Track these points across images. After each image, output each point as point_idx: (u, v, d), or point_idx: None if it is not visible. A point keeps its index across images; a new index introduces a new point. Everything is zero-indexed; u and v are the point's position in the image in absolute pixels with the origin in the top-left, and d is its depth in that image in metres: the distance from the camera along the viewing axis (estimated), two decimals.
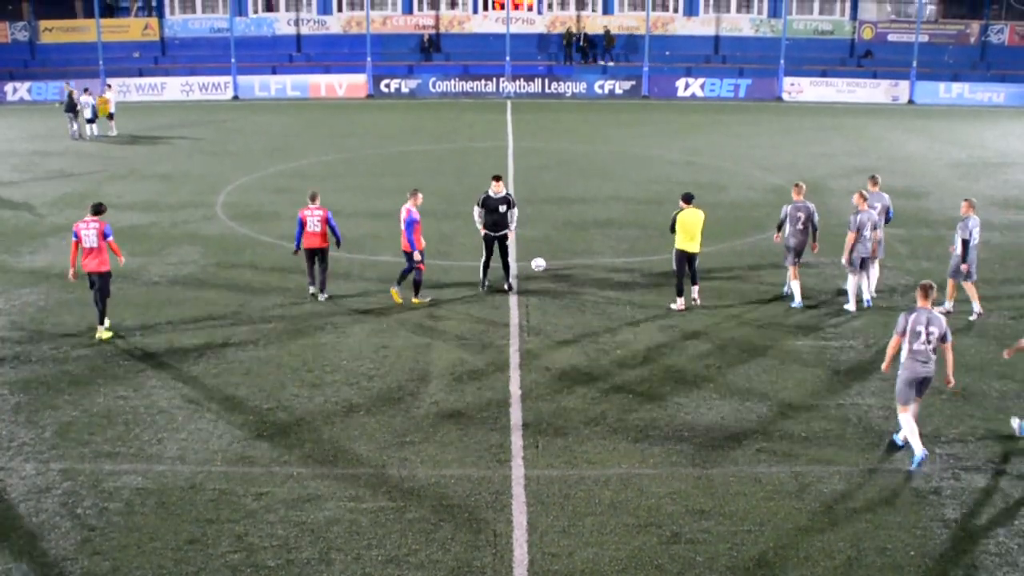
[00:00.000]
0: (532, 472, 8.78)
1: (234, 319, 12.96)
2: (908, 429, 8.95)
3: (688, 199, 13.27)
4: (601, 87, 47.37)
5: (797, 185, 14.03)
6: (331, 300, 13.64)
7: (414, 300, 13.55)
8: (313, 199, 14.38)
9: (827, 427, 9.74)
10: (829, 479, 8.75)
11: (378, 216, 19.78)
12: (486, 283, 14.28)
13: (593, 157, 28.45)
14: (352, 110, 42.79)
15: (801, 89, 46.72)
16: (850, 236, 13.30)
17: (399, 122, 37.73)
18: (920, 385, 9.05)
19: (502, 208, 13.80)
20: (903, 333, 8.97)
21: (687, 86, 47.19)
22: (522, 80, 47.27)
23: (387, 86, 47.59)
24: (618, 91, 47.29)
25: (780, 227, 14.08)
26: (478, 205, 14.00)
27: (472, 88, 47.45)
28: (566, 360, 11.40)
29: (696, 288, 13.53)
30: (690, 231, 13.21)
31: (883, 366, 9.31)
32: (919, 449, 8.84)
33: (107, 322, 12.32)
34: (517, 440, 9.37)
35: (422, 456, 9.10)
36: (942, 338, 8.95)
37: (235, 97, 47.07)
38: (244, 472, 8.81)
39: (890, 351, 9.14)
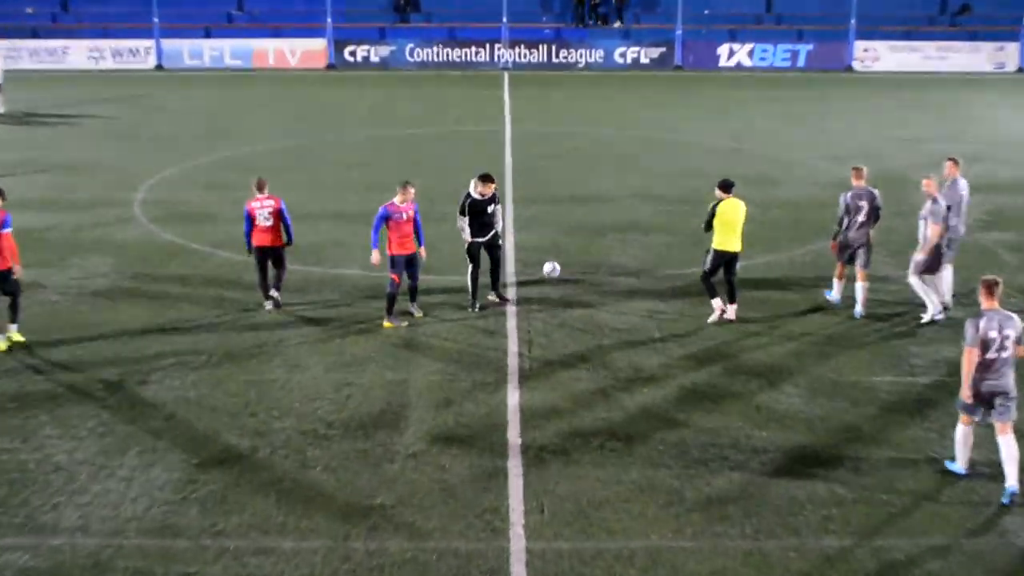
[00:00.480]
0: (536, 545, 8.69)
1: (156, 348, 12.91)
2: (959, 442, 9.60)
3: (727, 187, 13.67)
4: (622, 56, 47.75)
5: (856, 168, 14.25)
6: (281, 311, 13.66)
7: (386, 324, 13.87)
8: (261, 188, 14.65)
9: (915, 486, 9.66)
10: (921, 558, 8.62)
11: (341, 219, 19.81)
12: (477, 302, 14.41)
13: (612, 144, 28.58)
14: (308, 85, 43.03)
15: (877, 55, 47.06)
16: (935, 230, 13.43)
17: (368, 100, 37.94)
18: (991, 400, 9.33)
19: (490, 209, 14.08)
20: (975, 344, 9.22)
21: (731, 54, 47.57)
22: (523, 47, 47.66)
23: (352, 54, 47.95)
24: (644, 60, 47.64)
25: (841, 224, 14.24)
26: (462, 213, 14.09)
27: (460, 57, 47.79)
28: (577, 399, 11.36)
29: (734, 307, 13.90)
30: (732, 226, 13.55)
31: (963, 392, 9.35)
32: (961, 461, 9.65)
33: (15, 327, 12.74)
34: (517, 503, 9.29)
35: (396, 524, 9.01)
36: (1018, 340, 9.32)
37: (158, 67, 47.38)
38: (166, 546, 8.72)
39: (966, 368, 9.25)
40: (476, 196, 14.11)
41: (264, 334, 13.41)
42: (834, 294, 14.62)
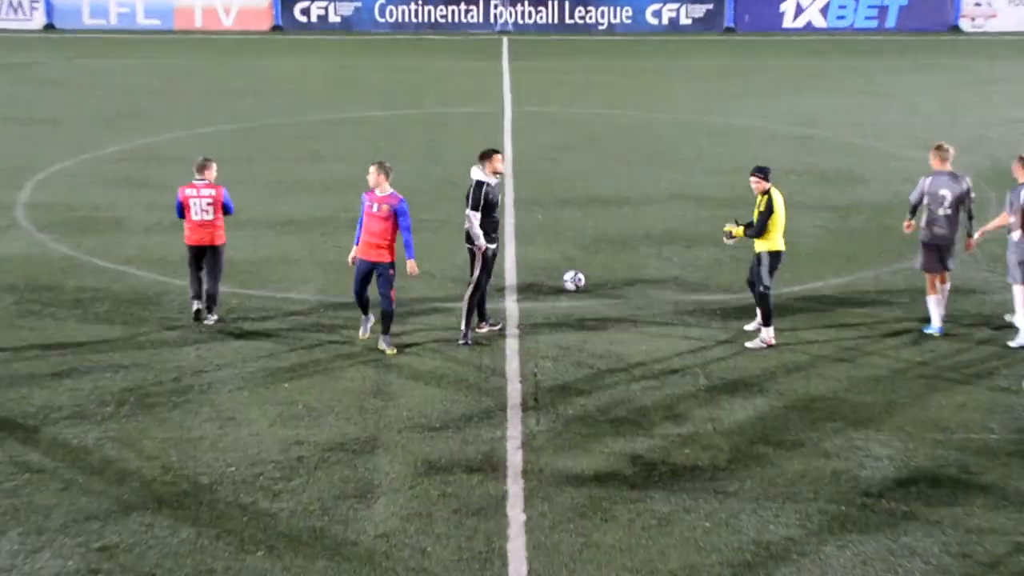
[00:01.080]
0: None
1: (45, 396, 12.99)
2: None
3: (766, 173, 14.28)
4: (656, 15, 48.16)
5: (939, 148, 14.60)
6: (212, 348, 13.75)
7: (361, 337, 14.45)
8: (201, 170, 15.11)
9: None
10: None
11: (290, 227, 19.98)
12: (470, 332, 14.59)
13: (643, 131, 28.79)
14: (248, 52, 43.30)
15: (993, 11, 47.35)
16: (998, 220, 14.26)
17: (325, 73, 38.17)
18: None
19: (498, 200, 14.58)
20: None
21: (798, 11, 48.00)
22: (527, 4, 48.09)
23: (305, 13, 48.36)
24: (685, 21, 48.06)
25: (914, 211, 14.78)
26: (475, 208, 14.25)
27: (445, 17, 48.20)
28: (598, 461, 11.41)
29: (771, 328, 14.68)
30: (781, 222, 14.28)
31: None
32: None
33: None
34: None
35: None
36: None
37: (48, 26, 47.75)
38: None
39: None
40: (488, 180, 14.23)
41: (190, 377, 13.49)
42: (935, 322, 14.76)
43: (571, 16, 47.90)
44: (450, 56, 41.73)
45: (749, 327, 14.85)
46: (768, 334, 14.38)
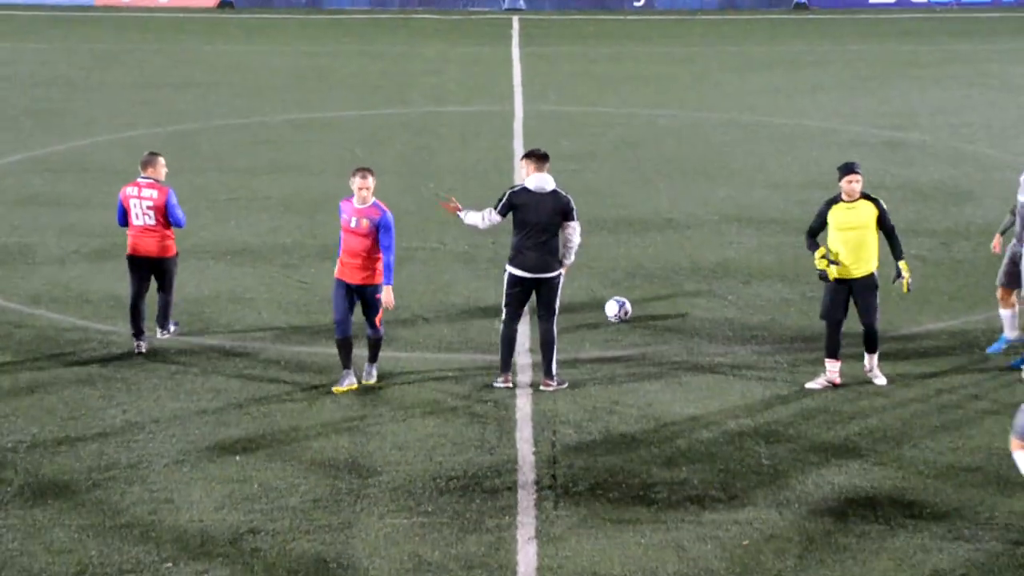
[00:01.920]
0: None
1: None
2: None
3: (848, 172, 14.90)
4: None
5: None
6: (143, 411, 13.73)
7: (336, 389, 14.72)
8: (145, 166, 15.78)
9: None
10: None
11: (243, 257, 20.06)
12: (509, 376, 14.93)
13: (690, 135, 28.84)
14: (189, 34, 43.49)
15: None
16: None
17: (287, 61, 38.29)
18: None
19: (550, 219, 14.84)
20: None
21: None
22: None
23: None
24: None
25: (1004, 230, 16.02)
26: (498, 211, 14.85)
27: None
28: (633, 557, 11.33)
29: (874, 357, 15.09)
30: (852, 242, 14.61)
31: None
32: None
33: None
34: None
35: None
36: None
37: None
38: None
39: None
40: (529, 186, 14.85)
41: (115, 446, 13.46)
42: (1009, 331, 15.81)
43: None
44: (446, 40, 41.99)
45: (874, 374, 15.21)
46: (828, 373, 15.04)
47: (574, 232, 14.92)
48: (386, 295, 14.67)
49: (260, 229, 21.14)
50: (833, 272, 14.71)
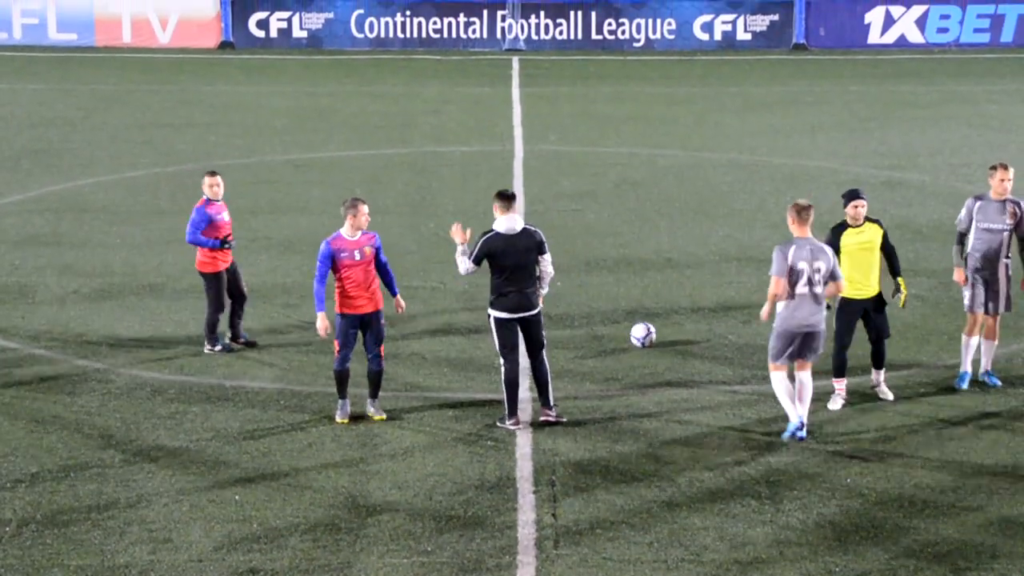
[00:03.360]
0: None
1: None
2: (781, 394, 14.72)
3: (854, 197, 15.68)
4: (707, 29, 48.61)
5: (999, 168, 16.32)
6: (143, 453, 13.73)
7: (341, 420, 15.00)
8: (214, 174, 17.92)
9: None
10: None
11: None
12: (519, 419, 14.96)
13: (690, 175, 28.86)
14: (189, 75, 43.44)
15: None
16: None
17: (288, 102, 38.26)
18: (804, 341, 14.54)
19: (526, 258, 14.91)
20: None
21: (887, 23, 48.41)
22: (543, 15, 48.56)
23: (262, 26, 48.82)
24: (743, 36, 48.46)
25: (961, 242, 16.61)
26: (472, 259, 14.94)
27: (440, 31, 48.55)
28: None
29: (882, 373, 15.65)
30: (864, 263, 15.54)
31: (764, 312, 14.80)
32: (793, 416, 14.52)
33: None
34: None
35: None
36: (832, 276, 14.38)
37: None
38: None
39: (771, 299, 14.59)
40: (499, 229, 14.92)
41: (114, 486, 13.45)
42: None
43: (598, 30, 48.23)
44: (446, 80, 42.05)
45: (881, 389, 15.91)
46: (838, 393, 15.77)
47: (548, 264, 15.08)
48: (398, 301, 15.43)
49: (260, 269, 21.15)
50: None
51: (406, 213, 24.57)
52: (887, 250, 15.72)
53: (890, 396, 15.78)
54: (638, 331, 17.40)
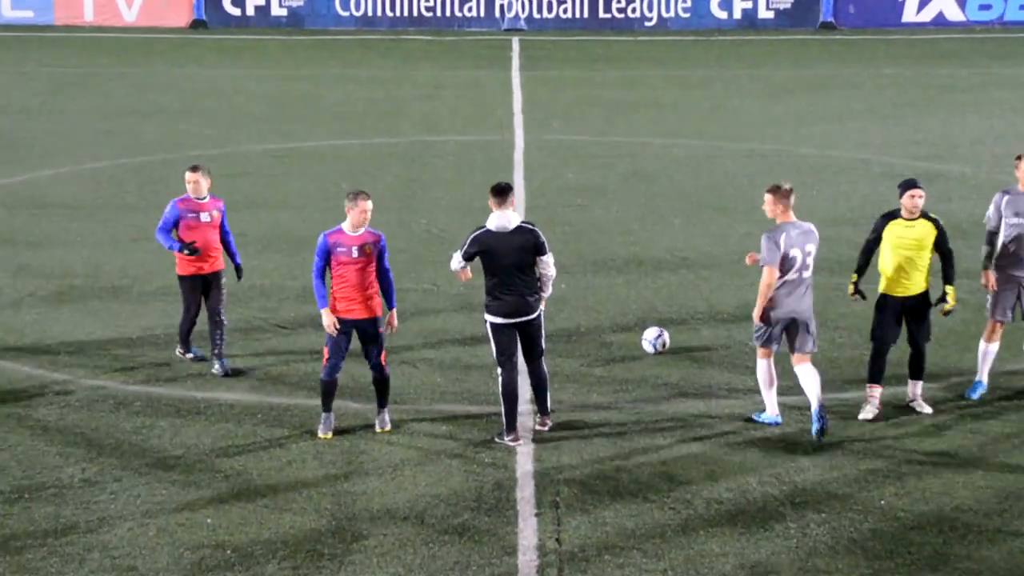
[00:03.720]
0: None
1: None
2: (762, 381, 15.52)
3: (912, 187, 15.63)
4: (725, 6, 48.64)
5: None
6: (104, 481, 13.70)
7: (324, 435, 15.03)
8: (196, 169, 17.18)
9: None
10: None
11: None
12: (517, 433, 14.92)
13: (707, 167, 28.86)
14: (158, 57, 43.49)
15: None
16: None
17: (266, 87, 38.30)
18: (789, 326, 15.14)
19: (521, 259, 14.87)
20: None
21: (924, 1, 48.26)
22: None
23: (238, 4, 48.94)
24: (765, 14, 48.53)
25: (991, 243, 16.68)
26: (464, 255, 14.97)
27: (433, 9, 48.62)
28: None
29: (919, 385, 15.60)
30: (907, 260, 15.45)
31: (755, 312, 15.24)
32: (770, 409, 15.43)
33: None
34: None
35: None
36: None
37: None
38: None
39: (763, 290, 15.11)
40: (490, 227, 14.88)
41: (73, 508, 13.40)
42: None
43: (606, 8, 48.28)
44: (439, 63, 42.08)
45: (918, 403, 15.86)
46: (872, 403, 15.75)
47: (548, 266, 15.03)
48: (392, 318, 15.19)
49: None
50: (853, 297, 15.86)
51: (395, 209, 24.51)
52: (942, 253, 15.67)
53: (928, 410, 15.75)
54: (650, 334, 17.41)
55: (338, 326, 14.90)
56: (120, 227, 23.30)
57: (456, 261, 14.95)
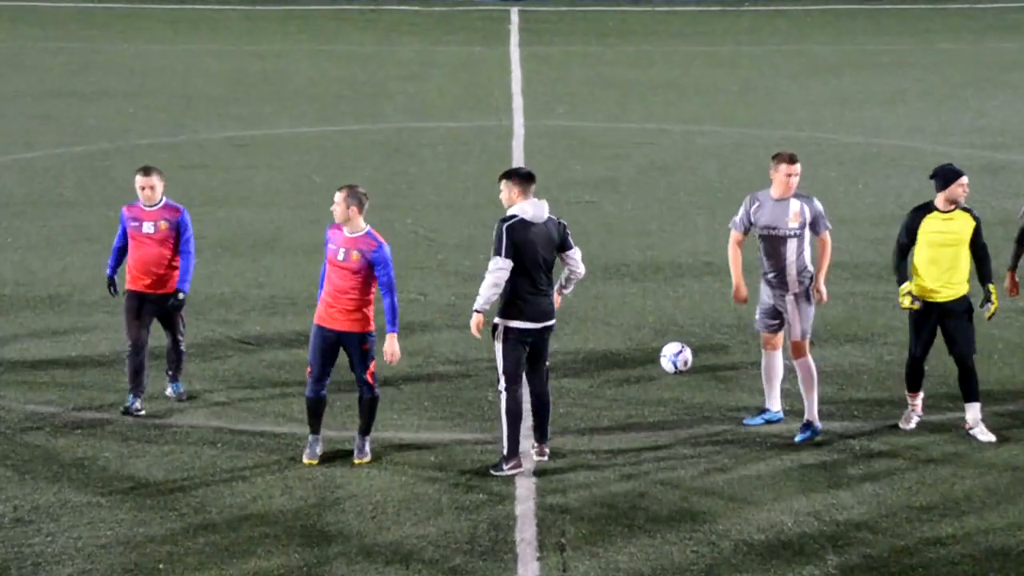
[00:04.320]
0: None
1: None
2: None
3: (950, 177, 15.56)
4: None
5: None
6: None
7: (308, 461, 15.19)
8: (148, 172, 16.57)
9: None
10: None
11: None
12: (521, 460, 14.96)
13: (734, 157, 28.90)
14: (104, 29, 43.48)
15: None
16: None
17: (226, 64, 38.27)
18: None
19: (550, 254, 15.01)
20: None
21: None
22: None
23: None
24: None
25: (1021, 242, 16.69)
26: (502, 255, 14.72)
27: None
28: None
29: (977, 407, 15.67)
30: (945, 259, 15.53)
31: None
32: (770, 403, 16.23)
33: None
34: None
35: None
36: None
37: None
38: None
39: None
40: (524, 216, 14.81)
41: (4, 550, 13.39)
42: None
43: None
44: (427, 38, 42.16)
45: (979, 430, 15.86)
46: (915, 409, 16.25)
47: (578, 263, 15.19)
48: (390, 345, 15.01)
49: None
50: (916, 305, 15.62)
51: (377, 206, 24.34)
52: (976, 248, 15.67)
53: (991, 438, 15.74)
54: (669, 350, 17.37)
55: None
56: (58, 227, 23.26)
57: (498, 270, 14.68)
